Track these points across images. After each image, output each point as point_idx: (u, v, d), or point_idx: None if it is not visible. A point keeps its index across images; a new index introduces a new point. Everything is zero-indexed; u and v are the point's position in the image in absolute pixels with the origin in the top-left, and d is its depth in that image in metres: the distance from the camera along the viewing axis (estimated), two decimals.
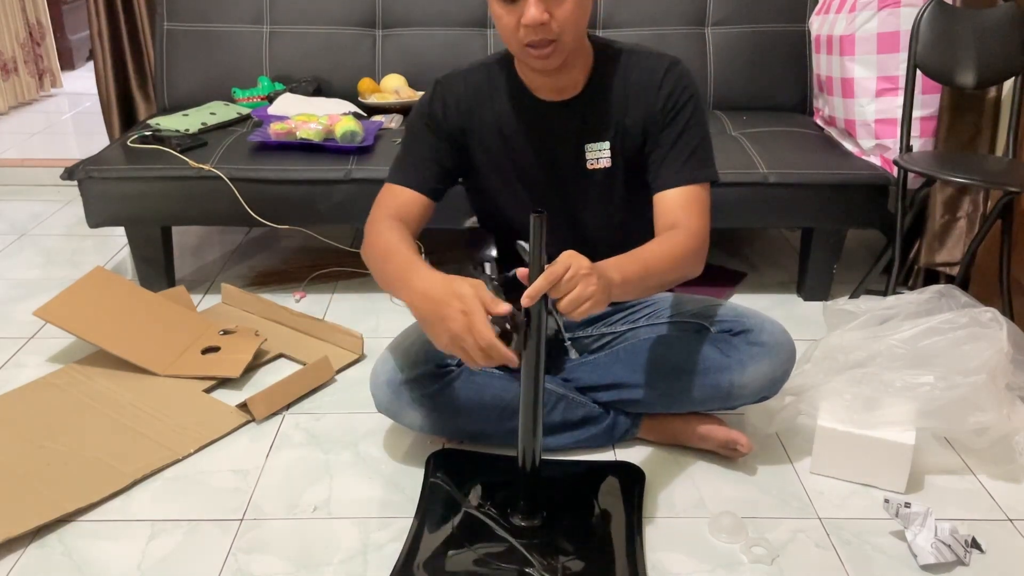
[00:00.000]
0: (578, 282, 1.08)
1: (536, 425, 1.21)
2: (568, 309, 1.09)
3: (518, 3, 1.19)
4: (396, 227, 1.32)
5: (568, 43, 1.23)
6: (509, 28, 1.22)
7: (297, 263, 2.32)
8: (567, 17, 1.20)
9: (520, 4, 1.18)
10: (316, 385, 1.70)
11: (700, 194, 1.33)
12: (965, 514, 1.36)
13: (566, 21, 1.20)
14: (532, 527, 1.27)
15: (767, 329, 1.39)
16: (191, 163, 1.99)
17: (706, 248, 1.33)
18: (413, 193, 1.37)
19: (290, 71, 2.42)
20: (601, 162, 1.37)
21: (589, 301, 1.08)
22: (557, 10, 1.19)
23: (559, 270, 1.08)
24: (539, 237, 1.08)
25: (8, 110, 3.89)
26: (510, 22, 1.21)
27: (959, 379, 1.38)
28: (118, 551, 1.26)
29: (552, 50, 1.22)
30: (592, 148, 1.36)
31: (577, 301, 1.08)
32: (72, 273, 2.22)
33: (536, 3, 1.17)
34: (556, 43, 1.21)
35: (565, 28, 1.21)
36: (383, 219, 1.35)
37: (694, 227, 1.31)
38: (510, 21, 1.21)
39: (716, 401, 1.42)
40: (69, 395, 1.64)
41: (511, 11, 1.20)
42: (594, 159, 1.37)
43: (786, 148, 2.08)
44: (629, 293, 1.23)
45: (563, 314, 1.10)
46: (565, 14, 1.20)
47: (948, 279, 2.08)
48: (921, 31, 1.97)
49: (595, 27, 2.43)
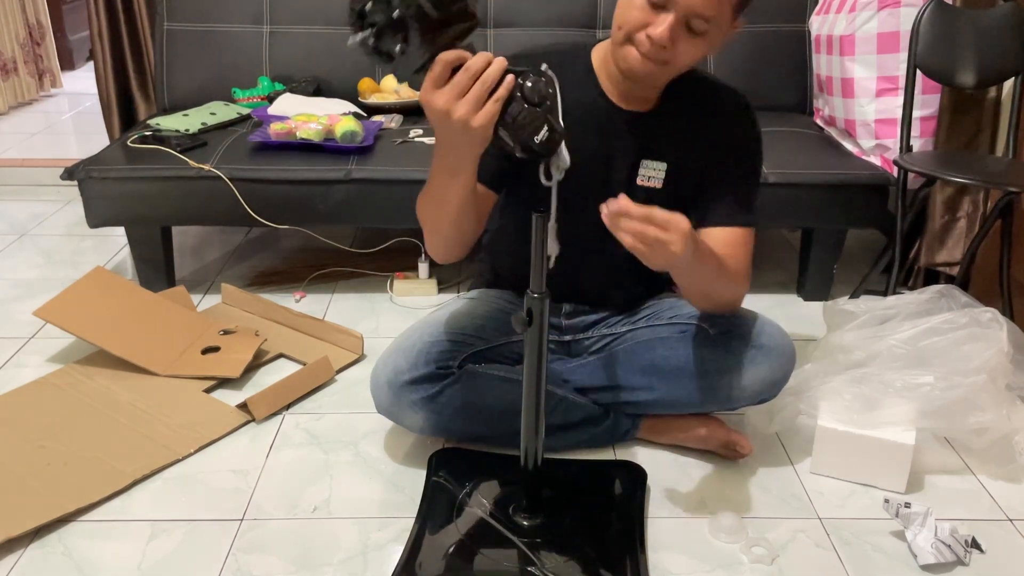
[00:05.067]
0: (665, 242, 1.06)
1: (538, 424, 1.21)
2: (639, 242, 1.06)
3: (660, 13, 1.15)
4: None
5: (671, 72, 1.23)
6: (633, 22, 1.18)
7: (297, 263, 2.32)
8: (687, 55, 1.19)
9: (661, 15, 1.15)
10: (316, 385, 1.70)
11: (748, 237, 1.35)
12: (965, 514, 1.36)
13: (684, 56, 1.19)
14: (534, 526, 1.27)
15: (766, 332, 1.39)
16: (191, 163, 1.99)
17: (746, 291, 1.37)
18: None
19: (290, 71, 2.42)
20: (653, 181, 1.35)
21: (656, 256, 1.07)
22: (684, 44, 1.17)
23: (660, 219, 1.06)
24: (541, 237, 1.07)
25: (8, 110, 3.88)
26: (639, 19, 1.17)
27: (959, 379, 1.38)
28: (118, 551, 1.26)
29: (654, 67, 1.20)
30: (648, 165, 1.34)
31: (644, 252, 1.07)
32: (72, 273, 2.22)
33: (674, 26, 1.15)
34: (663, 65, 1.20)
35: (678, 61, 1.20)
36: None
37: (742, 268, 1.34)
38: (639, 18, 1.17)
39: (716, 403, 1.42)
40: (69, 395, 1.64)
41: (647, 12, 1.16)
42: (646, 176, 1.34)
43: (786, 148, 2.08)
44: (690, 276, 1.24)
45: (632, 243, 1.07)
46: (688, 52, 1.19)
47: (948, 279, 2.08)
48: (921, 31, 1.97)
49: (595, 27, 2.44)
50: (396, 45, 0.96)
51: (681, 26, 1.16)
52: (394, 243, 2.26)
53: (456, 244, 1.30)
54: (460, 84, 0.99)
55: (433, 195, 1.21)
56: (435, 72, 0.99)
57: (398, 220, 2.03)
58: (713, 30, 1.18)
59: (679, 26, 1.16)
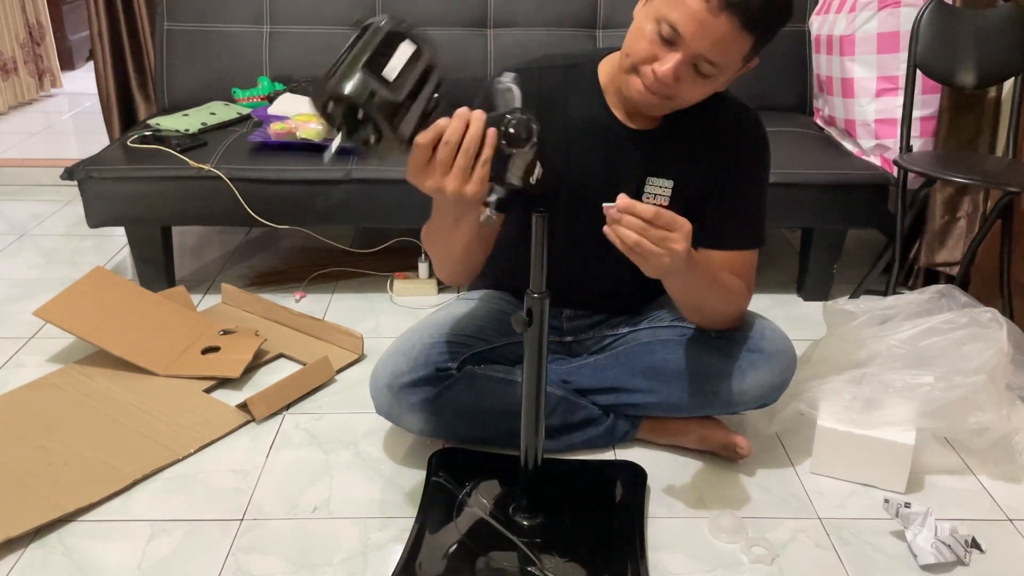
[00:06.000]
0: (668, 239, 1.06)
1: (538, 423, 1.21)
2: (625, 240, 1.05)
3: (669, 49, 1.13)
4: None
5: (674, 106, 1.21)
6: (641, 53, 1.15)
7: (297, 263, 2.32)
8: (691, 93, 1.18)
9: (670, 52, 1.13)
10: (316, 385, 1.70)
11: (752, 258, 1.35)
12: (965, 514, 1.36)
13: (688, 95, 1.18)
14: (534, 526, 1.27)
15: (767, 336, 1.38)
16: (191, 163, 1.99)
17: (746, 311, 1.37)
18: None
19: (290, 71, 2.42)
20: (659, 199, 1.32)
21: (657, 258, 1.06)
22: (689, 83, 1.16)
23: (667, 218, 1.06)
24: (541, 237, 1.07)
25: (8, 110, 3.88)
26: (647, 51, 1.14)
27: (959, 379, 1.38)
28: (118, 551, 1.26)
29: (657, 100, 1.19)
30: (654, 183, 1.31)
31: (648, 250, 1.06)
32: (72, 273, 2.22)
33: (680, 66, 1.12)
34: (666, 100, 1.19)
35: (681, 98, 1.18)
36: None
37: (743, 287, 1.33)
38: (648, 50, 1.14)
39: (716, 407, 1.42)
40: (69, 395, 1.64)
41: (657, 46, 1.13)
42: (652, 194, 1.32)
43: (786, 148, 2.08)
44: (683, 285, 1.23)
45: (628, 250, 1.07)
46: (692, 91, 1.17)
47: (948, 279, 2.09)
48: (921, 31, 1.97)
49: (595, 27, 2.44)
50: (370, 136, 0.92)
51: (688, 66, 1.14)
52: (394, 243, 2.26)
53: (466, 272, 1.32)
54: (444, 161, 0.97)
55: (438, 235, 1.22)
56: (416, 157, 0.97)
57: (398, 220, 2.03)
58: (721, 73, 1.16)
59: (685, 66, 1.14)
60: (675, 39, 1.12)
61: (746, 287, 1.35)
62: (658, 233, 1.06)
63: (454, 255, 1.26)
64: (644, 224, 1.05)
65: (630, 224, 1.05)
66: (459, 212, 1.14)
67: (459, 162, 0.97)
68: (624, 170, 1.31)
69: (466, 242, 1.21)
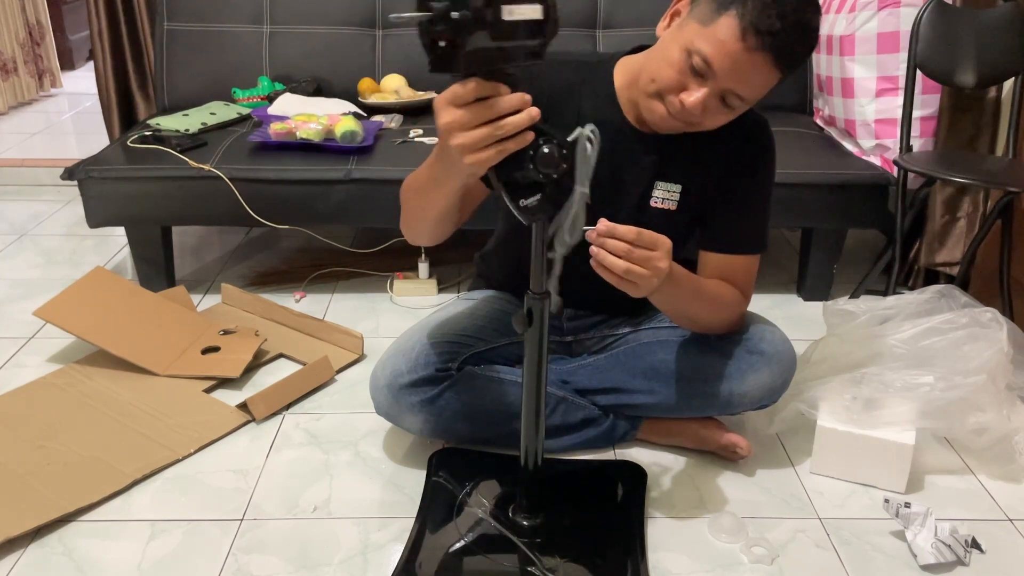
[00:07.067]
0: (652, 258, 1.06)
1: (538, 423, 1.21)
2: (614, 270, 1.06)
3: (697, 80, 1.12)
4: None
5: (694, 130, 1.21)
6: (667, 82, 1.14)
7: (297, 263, 2.32)
8: (715, 121, 1.18)
9: (697, 83, 1.12)
10: (316, 385, 1.70)
11: (752, 263, 1.35)
12: (965, 514, 1.36)
13: (711, 123, 1.19)
14: (534, 526, 1.27)
15: (767, 338, 1.38)
16: (191, 163, 1.99)
17: (744, 314, 1.36)
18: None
19: (290, 71, 2.42)
20: (667, 203, 1.32)
21: (647, 280, 1.07)
22: (715, 112, 1.16)
23: (649, 237, 1.06)
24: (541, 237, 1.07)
25: (8, 110, 3.89)
26: (675, 80, 1.14)
27: (959, 379, 1.38)
28: (118, 551, 1.26)
29: (680, 126, 1.19)
30: (662, 187, 1.31)
31: (638, 274, 1.06)
32: (72, 273, 2.22)
33: (710, 97, 1.12)
34: (688, 125, 1.19)
35: (704, 125, 1.19)
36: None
37: (738, 293, 1.34)
38: (676, 79, 1.14)
39: (716, 408, 1.42)
40: (69, 395, 1.64)
41: (686, 76, 1.13)
42: (660, 198, 1.32)
43: (786, 148, 2.06)
44: (667, 300, 1.24)
45: (619, 280, 1.07)
46: (716, 119, 1.18)
47: (948, 279, 2.09)
48: (921, 31, 1.97)
49: (595, 27, 2.44)
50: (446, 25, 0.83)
51: (716, 98, 1.14)
52: (394, 243, 2.26)
53: (431, 236, 1.29)
54: (475, 114, 0.90)
55: (417, 187, 1.19)
56: (461, 91, 0.90)
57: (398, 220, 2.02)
58: (747, 105, 1.17)
59: (714, 98, 1.14)
60: (706, 72, 1.11)
61: (742, 294, 1.35)
62: (642, 253, 1.06)
63: (428, 215, 1.22)
64: (628, 246, 1.06)
65: (615, 248, 1.06)
66: (445, 172, 1.08)
67: (484, 130, 0.91)
68: (632, 173, 1.31)
69: (442, 207, 1.18)
